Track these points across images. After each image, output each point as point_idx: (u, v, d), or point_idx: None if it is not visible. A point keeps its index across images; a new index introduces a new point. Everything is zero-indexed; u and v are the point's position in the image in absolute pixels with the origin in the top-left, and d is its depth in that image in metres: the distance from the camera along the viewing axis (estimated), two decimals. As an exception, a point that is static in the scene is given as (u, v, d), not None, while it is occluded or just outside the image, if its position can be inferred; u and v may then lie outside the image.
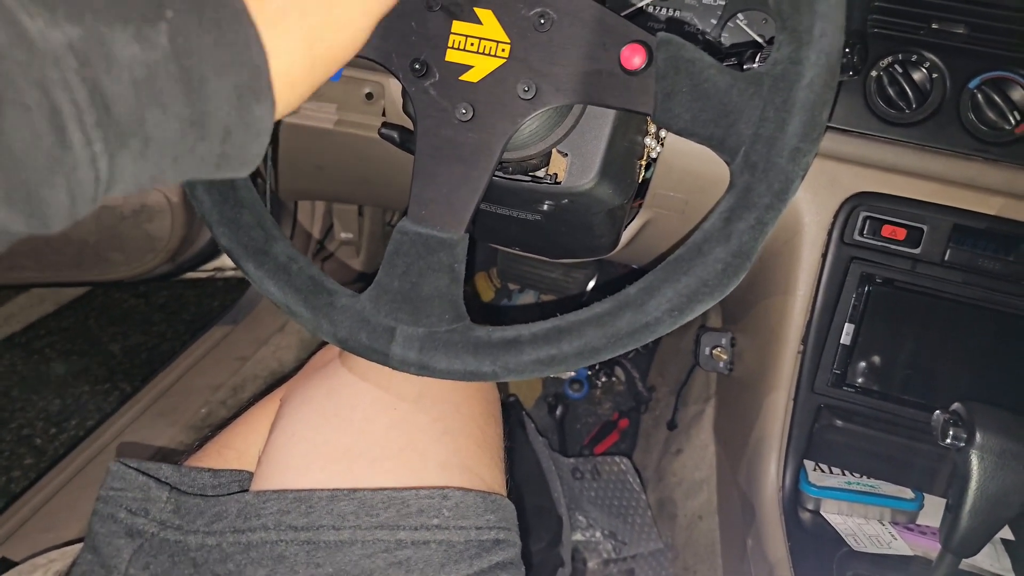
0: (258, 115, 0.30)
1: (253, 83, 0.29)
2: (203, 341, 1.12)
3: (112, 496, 0.53)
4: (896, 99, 0.58)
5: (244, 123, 0.30)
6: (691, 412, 1.04)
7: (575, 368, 0.44)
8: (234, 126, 0.29)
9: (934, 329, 0.64)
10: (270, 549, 0.48)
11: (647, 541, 1.04)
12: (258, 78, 0.30)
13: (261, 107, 0.30)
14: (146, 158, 0.27)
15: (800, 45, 0.38)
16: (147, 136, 0.26)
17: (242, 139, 0.30)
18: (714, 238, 0.41)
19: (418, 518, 0.48)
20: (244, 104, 0.29)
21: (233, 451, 0.60)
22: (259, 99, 0.30)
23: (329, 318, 0.47)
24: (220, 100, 0.28)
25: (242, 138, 0.30)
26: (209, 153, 0.29)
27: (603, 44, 0.42)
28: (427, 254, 0.45)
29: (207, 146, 0.29)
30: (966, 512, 0.55)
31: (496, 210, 0.60)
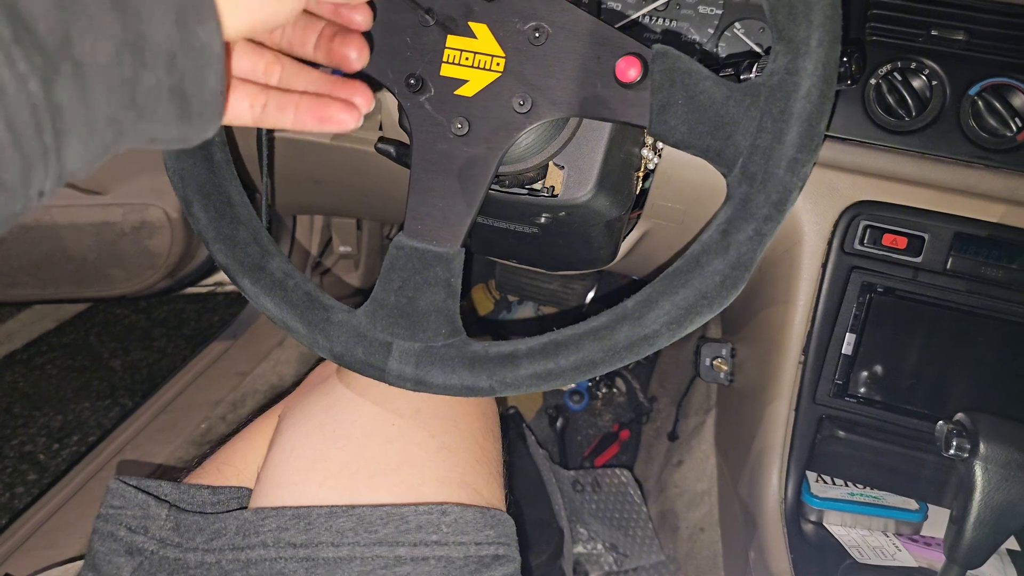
0: (204, 39, 0.28)
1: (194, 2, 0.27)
2: (203, 356, 1.12)
3: (112, 514, 0.53)
4: (896, 107, 0.58)
5: (189, 46, 0.27)
6: (692, 423, 1.04)
7: (573, 382, 0.44)
8: (178, 51, 0.27)
9: (936, 338, 0.64)
10: (269, 566, 0.48)
11: (649, 553, 1.03)
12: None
13: (205, 28, 0.28)
14: (88, 90, 0.24)
15: (796, 56, 0.38)
16: (78, 61, 0.24)
17: (191, 66, 0.28)
18: (712, 250, 0.41)
19: (417, 534, 0.48)
20: (186, 25, 0.27)
21: (232, 468, 0.60)
22: (202, 19, 0.27)
23: (325, 333, 0.46)
24: (156, 18, 0.26)
25: (191, 65, 0.28)
26: (159, 85, 0.27)
27: (598, 57, 0.42)
28: (423, 269, 0.45)
29: (153, 74, 0.26)
30: (971, 523, 0.54)
31: (493, 223, 0.59)
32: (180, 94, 0.28)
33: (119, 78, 0.26)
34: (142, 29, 0.26)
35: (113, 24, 0.25)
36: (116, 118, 0.26)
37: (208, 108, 0.30)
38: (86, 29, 0.24)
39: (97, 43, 0.24)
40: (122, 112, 0.26)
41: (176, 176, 0.49)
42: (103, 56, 0.25)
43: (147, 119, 0.28)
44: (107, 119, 0.26)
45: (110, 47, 0.25)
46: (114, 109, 0.26)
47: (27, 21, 0.23)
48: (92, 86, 0.25)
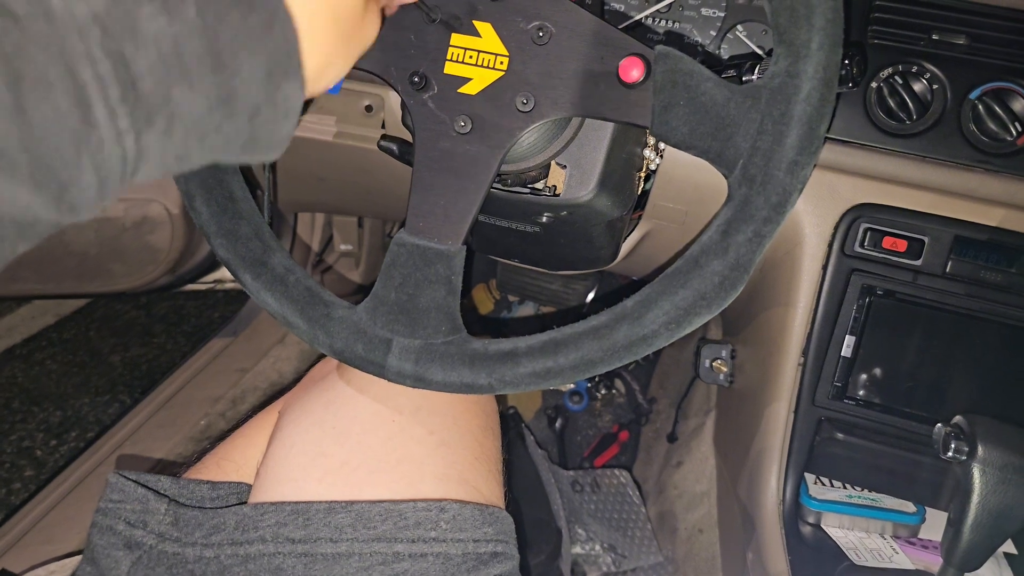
0: (287, 94, 0.29)
1: (283, 60, 0.29)
2: (203, 353, 1.12)
3: (111, 508, 0.53)
4: (897, 110, 0.58)
5: (273, 102, 0.29)
6: (691, 425, 1.04)
7: (572, 381, 0.44)
8: (263, 105, 0.29)
9: (935, 341, 0.64)
10: (268, 561, 0.48)
11: (647, 554, 1.04)
12: (289, 55, 0.29)
13: (291, 85, 0.30)
14: (172, 136, 0.26)
15: (798, 58, 0.38)
16: (173, 113, 0.25)
17: (271, 118, 0.29)
18: (712, 251, 0.41)
19: (415, 531, 0.48)
20: (274, 82, 0.29)
21: (231, 463, 0.60)
22: (289, 77, 0.29)
23: (325, 329, 0.47)
24: (249, 77, 0.27)
25: (271, 117, 0.29)
26: (237, 133, 0.29)
27: (601, 57, 0.43)
28: (424, 266, 0.45)
29: (235, 125, 0.28)
30: (968, 526, 0.54)
31: (495, 222, 0.60)
32: (253, 138, 0.30)
33: (205, 128, 0.27)
34: (235, 86, 0.27)
35: (210, 84, 0.26)
36: (188, 154, 0.28)
37: (274, 147, 0.31)
38: (187, 89, 0.26)
39: (195, 100, 0.26)
40: (195, 151, 0.28)
41: None
42: (197, 111, 0.26)
43: (215, 153, 0.29)
44: (179, 156, 0.27)
45: (204, 103, 0.26)
46: (189, 149, 0.27)
47: (135, 80, 0.24)
48: (177, 133, 0.26)
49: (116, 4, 0.23)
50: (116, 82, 0.23)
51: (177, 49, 0.25)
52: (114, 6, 0.23)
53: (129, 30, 0.23)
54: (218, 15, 0.26)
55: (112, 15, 0.23)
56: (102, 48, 0.23)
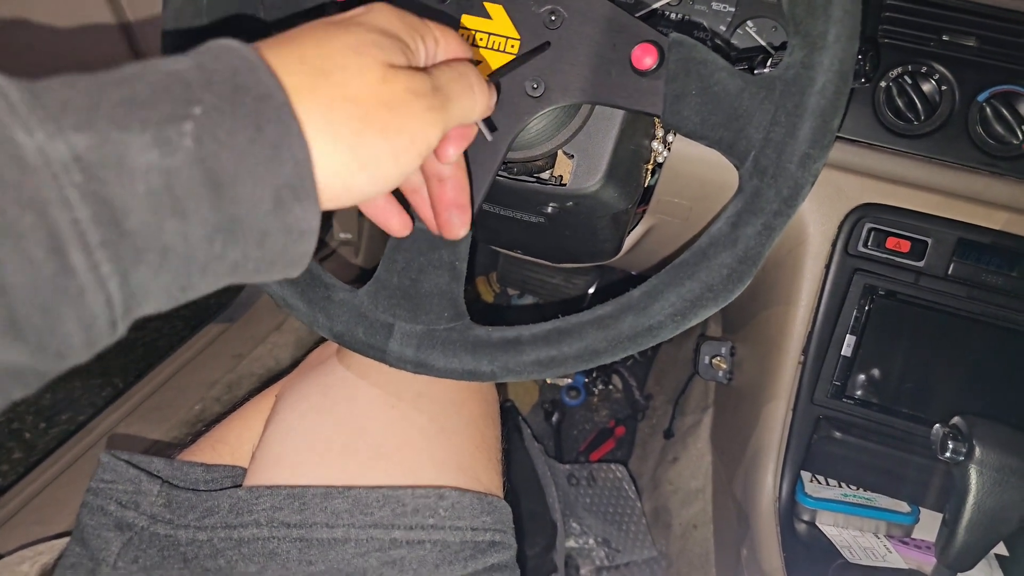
0: (299, 215, 0.27)
1: (294, 182, 0.26)
2: (199, 338, 1.11)
3: (102, 488, 0.53)
4: (905, 110, 0.58)
5: (284, 226, 0.27)
6: (688, 421, 1.04)
7: (575, 370, 0.44)
8: (272, 229, 0.26)
9: (935, 343, 0.64)
10: (262, 545, 0.48)
11: (641, 549, 1.04)
12: (301, 177, 0.26)
13: (303, 207, 0.27)
14: (168, 270, 0.24)
15: (813, 49, 0.38)
16: (165, 247, 0.24)
17: (282, 242, 0.27)
18: (720, 243, 0.40)
19: (413, 517, 0.48)
20: (283, 206, 0.26)
21: (227, 446, 0.59)
22: (301, 199, 0.27)
23: (326, 312, 0.46)
24: (253, 203, 0.25)
25: (281, 241, 0.27)
26: (244, 258, 0.26)
27: (613, 44, 0.42)
28: (428, 250, 0.44)
29: (241, 251, 0.26)
30: (963, 527, 0.54)
31: (499, 211, 0.59)
32: (264, 262, 0.27)
33: (204, 257, 0.25)
34: (238, 213, 0.25)
35: (208, 212, 0.24)
36: (192, 284, 0.26)
37: (295, 265, 0.29)
38: (180, 222, 0.24)
39: (189, 231, 0.24)
40: (199, 280, 0.26)
41: None
42: (194, 240, 0.24)
43: (224, 279, 0.27)
44: (182, 287, 0.25)
45: (201, 233, 0.24)
46: (192, 278, 0.25)
47: (119, 220, 0.22)
48: (173, 267, 0.24)
49: (102, 142, 0.22)
50: (96, 225, 0.22)
51: (169, 182, 0.23)
52: (99, 145, 0.22)
53: (115, 167, 0.22)
54: (219, 142, 0.24)
55: (96, 153, 0.22)
56: (79, 190, 0.21)
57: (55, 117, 0.21)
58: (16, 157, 0.21)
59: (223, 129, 0.24)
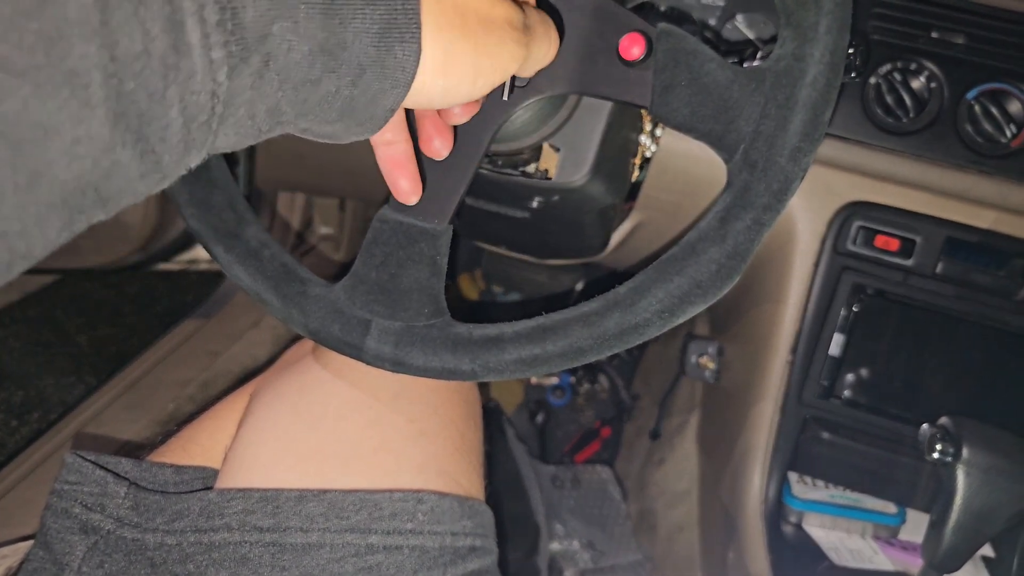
0: (399, 58, 0.26)
1: (401, 19, 0.26)
2: (174, 335, 1.08)
3: (67, 490, 0.50)
4: (894, 107, 0.58)
5: (382, 65, 0.26)
6: (675, 422, 1.03)
7: (559, 369, 0.43)
8: (370, 65, 0.26)
9: (924, 342, 0.64)
10: (233, 550, 0.46)
11: (626, 552, 1.03)
12: (408, 14, 0.26)
13: (404, 50, 0.26)
14: (264, 81, 0.23)
15: (804, 41, 0.37)
16: (270, 53, 0.23)
17: (376, 85, 0.26)
18: (709, 238, 0.39)
19: (391, 522, 0.46)
20: (386, 42, 0.26)
21: (198, 447, 0.57)
22: (404, 39, 0.26)
23: (300, 308, 0.44)
24: (360, 29, 0.25)
25: (377, 84, 0.26)
26: (336, 93, 0.26)
27: (601, 33, 0.41)
28: (408, 244, 0.43)
29: (335, 82, 0.25)
30: (950, 528, 0.54)
31: (484, 206, 0.58)
32: (352, 104, 0.27)
33: (301, 78, 0.25)
34: (344, 36, 0.25)
35: (318, 28, 0.24)
36: (280, 110, 0.25)
37: (373, 121, 0.29)
38: (290, 27, 0.23)
39: (296, 42, 0.24)
40: (288, 106, 0.25)
41: None
42: (296, 55, 0.24)
43: (309, 118, 0.26)
44: (270, 110, 0.25)
45: (306, 49, 0.24)
46: (282, 103, 0.25)
47: (235, 6, 0.22)
48: (271, 79, 0.24)
49: None
50: (215, 4, 0.21)
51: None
52: None
53: None
54: None
55: None
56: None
57: None
58: None
59: None
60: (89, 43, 0.19)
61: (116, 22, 0.19)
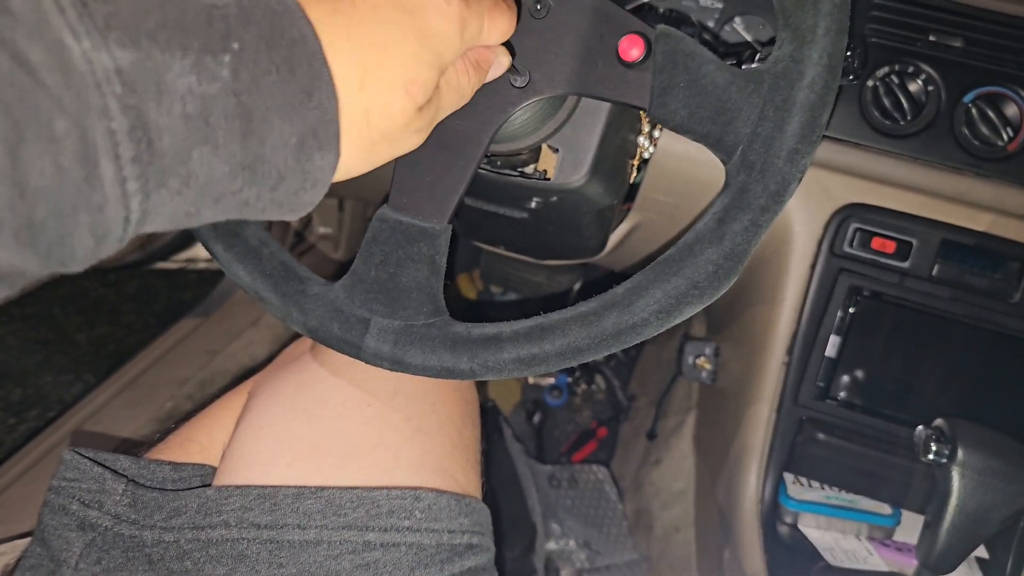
0: (319, 165, 0.28)
1: (319, 130, 0.27)
2: (172, 333, 1.08)
3: (64, 487, 0.51)
4: (891, 110, 0.58)
5: (302, 171, 0.27)
6: (671, 422, 1.03)
7: (557, 368, 0.43)
8: (289, 173, 0.27)
9: (919, 344, 0.64)
10: (231, 547, 0.46)
11: (622, 552, 1.03)
12: (326, 125, 0.27)
13: (324, 157, 0.28)
14: (184, 197, 0.24)
15: (803, 43, 0.37)
16: (189, 174, 0.24)
17: (296, 187, 0.28)
18: (706, 239, 0.39)
19: (388, 519, 0.46)
20: (305, 152, 0.27)
21: (196, 444, 0.57)
22: (323, 148, 0.27)
23: (300, 306, 0.44)
24: (279, 144, 0.26)
25: (296, 186, 0.28)
26: (256, 198, 0.27)
27: (600, 35, 0.41)
28: (407, 244, 0.43)
29: (256, 191, 0.26)
30: (945, 529, 0.54)
31: (483, 206, 0.58)
32: (273, 203, 0.28)
33: (223, 191, 0.25)
34: (263, 153, 0.26)
35: (237, 148, 0.25)
36: (199, 212, 0.26)
37: (296, 213, 0.29)
38: (210, 151, 0.24)
39: (216, 164, 0.24)
40: (208, 210, 0.26)
41: None
42: (217, 173, 0.25)
43: (228, 214, 0.27)
44: (188, 214, 0.25)
45: (226, 169, 0.25)
46: (201, 208, 0.25)
47: (152, 139, 0.22)
48: (191, 193, 0.24)
49: (144, 59, 0.21)
50: (130, 141, 0.21)
51: (205, 110, 0.23)
52: (141, 61, 0.21)
53: (154, 86, 0.22)
54: (255, 78, 0.24)
55: (137, 70, 0.21)
56: (120, 103, 0.21)
57: (101, 29, 0.21)
58: (64, 61, 0.20)
59: (259, 67, 0.24)
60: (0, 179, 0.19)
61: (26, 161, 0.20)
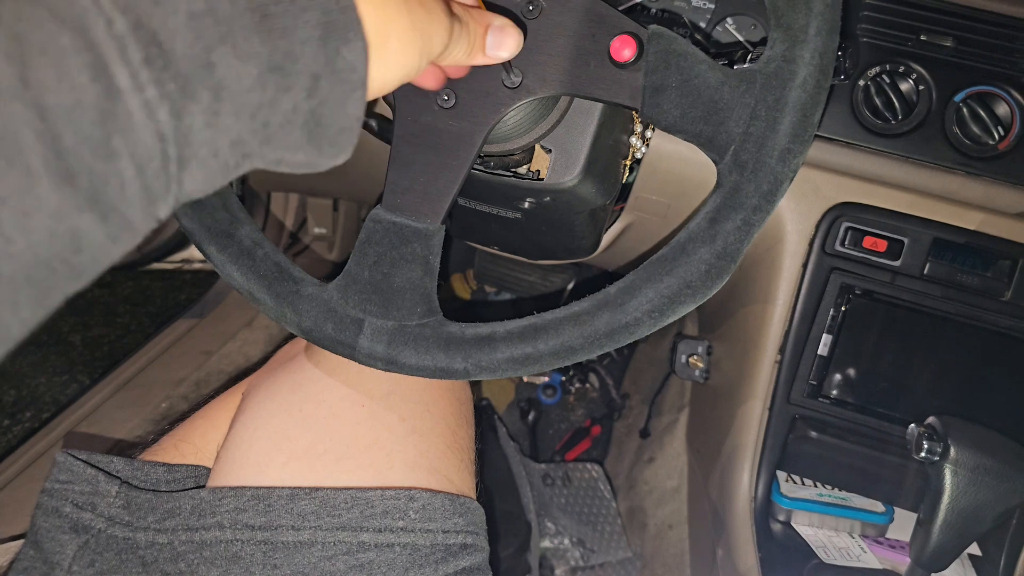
0: (349, 60, 0.26)
1: (340, 18, 0.25)
2: (167, 334, 1.08)
3: (57, 489, 0.50)
4: (883, 109, 0.58)
5: (333, 69, 0.25)
6: (664, 421, 1.04)
7: (550, 368, 0.43)
8: (323, 74, 0.25)
9: (911, 342, 0.64)
10: (225, 549, 0.46)
11: (616, 550, 1.03)
12: (345, 11, 0.25)
13: (351, 49, 0.26)
14: (220, 115, 0.22)
15: (794, 43, 0.37)
16: (218, 84, 0.22)
17: (334, 92, 0.26)
18: (699, 238, 0.40)
19: (382, 519, 0.46)
20: (332, 45, 0.25)
21: (190, 445, 0.57)
22: (348, 39, 0.26)
23: (294, 307, 0.44)
24: (302, 37, 0.24)
25: (334, 90, 0.26)
26: (296, 110, 0.25)
27: (592, 35, 0.41)
28: (400, 244, 0.43)
29: (292, 99, 0.25)
30: (938, 526, 0.54)
31: (476, 207, 0.58)
32: (316, 119, 0.26)
33: (256, 102, 0.24)
34: (290, 49, 0.24)
35: (259, 45, 0.23)
36: (243, 140, 0.24)
37: (342, 136, 0.28)
38: (231, 53, 0.22)
39: (242, 67, 0.23)
40: (250, 135, 0.24)
41: None
42: (247, 80, 0.23)
43: (275, 144, 0.25)
44: (233, 143, 0.24)
45: (254, 71, 0.23)
46: (243, 132, 0.24)
47: (161, 41, 0.20)
48: (225, 109, 0.23)
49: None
50: (137, 42, 0.20)
51: (211, 6, 0.22)
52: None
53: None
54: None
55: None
56: (116, 5, 0.20)
57: None
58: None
59: None
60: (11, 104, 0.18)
61: (37, 78, 0.18)
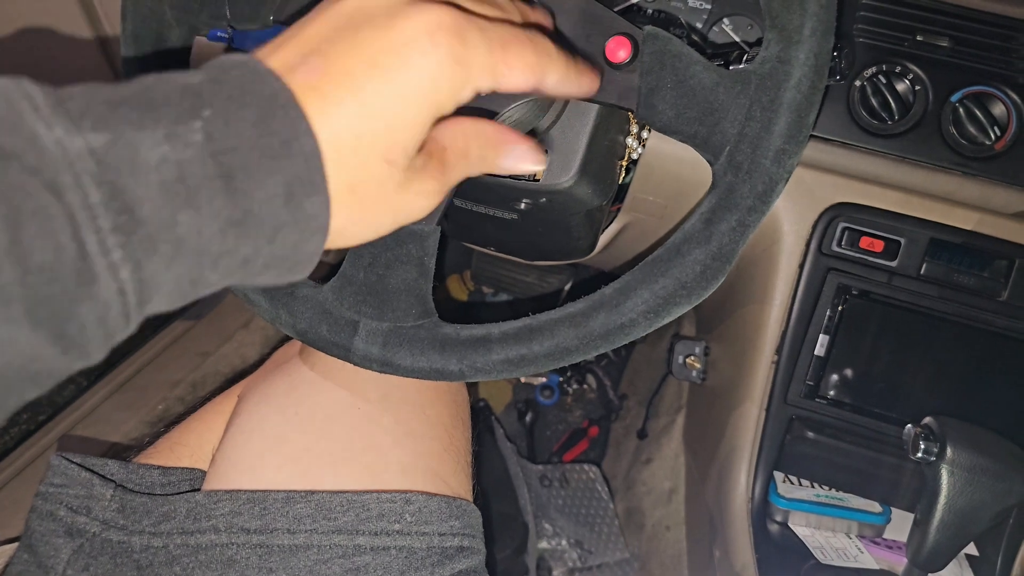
0: (311, 211, 0.27)
1: (304, 175, 0.27)
2: (164, 335, 1.08)
3: (52, 492, 0.50)
4: (879, 109, 0.58)
5: (295, 220, 0.27)
6: (662, 422, 1.04)
7: (546, 369, 0.43)
8: (283, 224, 0.27)
9: (908, 343, 0.64)
10: (220, 552, 0.46)
11: (613, 550, 1.03)
12: (310, 170, 0.27)
13: (314, 202, 0.27)
14: (181, 263, 0.25)
15: (789, 44, 0.37)
16: (179, 239, 0.24)
17: (294, 238, 0.27)
18: (694, 239, 0.40)
19: (378, 523, 0.46)
20: (295, 200, 0.27)
21: (186, 448, 0.57)
22: (311, 193, 0.27)
23: (288, 308, 0.44)
24: (266, 196, 0.26)
25: (294, 237, 0.27)
26: (255, 253, 0.27)
27: (587, 35, 0.41)
28: (395, 245, 0.43)
29: (252, 246, 0.26)
30: (934, 527, 0.54)
31: (472, 208, 0.58)
32: (274, 258, 0.28)
33: (218, 251, 0.26)
34: (250, 207, 0.26)
35: (223, 206, 0.25)
36: (203, 277, 0.26)
37: (301, 266, 0.29)
38: (193, 213, 0.24)
39: (203, 223, 0.25)
40: (211, 272, 0.26)
41: None
42: (208, 234, 0.25)
43: (235, 277, 0.27)
44: (193, 281, 0.26)
45: (215, 227, 0.25)
46: (204, 272, 0.26)
47: (131, 208, 0.23)
48: (187, 260, 0.25)
49: (116, 139, 0.23)
50: (107, 210, 0.22)
51: (181, 174, 0.24)
52: (114, 141, 0.23)
53: (128, 160, 0.23)
54: (229, 137, 0.25)
55: (110, 149, 0.23)
56: (93, 178, 0.22)
57: (75, 119, 0.23)
58: (37, 147, 0.22)
59: (232, 127, 0.25)
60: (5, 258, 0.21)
61: (25, 241, 0.21)
